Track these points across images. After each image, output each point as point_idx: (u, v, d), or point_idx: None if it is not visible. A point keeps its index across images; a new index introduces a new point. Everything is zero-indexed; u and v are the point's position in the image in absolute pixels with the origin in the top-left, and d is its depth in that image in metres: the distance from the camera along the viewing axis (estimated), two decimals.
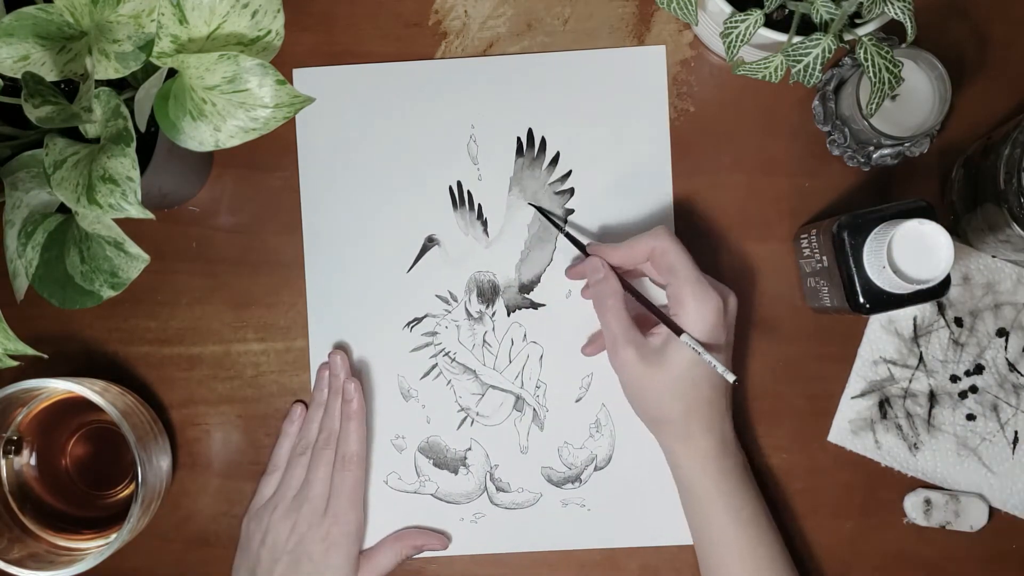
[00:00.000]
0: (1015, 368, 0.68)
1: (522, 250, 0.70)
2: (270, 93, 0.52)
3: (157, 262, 0.56)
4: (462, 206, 0.70)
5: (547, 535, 0.69)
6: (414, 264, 0.70)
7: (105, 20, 0.53)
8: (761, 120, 0.69)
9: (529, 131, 0.70)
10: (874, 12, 0.57)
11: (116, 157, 0.50)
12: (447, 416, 0.70)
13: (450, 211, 0.70)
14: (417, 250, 0.70)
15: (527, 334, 0.70)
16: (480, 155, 0.70)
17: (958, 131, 0.68)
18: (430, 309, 0.70)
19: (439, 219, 0.70)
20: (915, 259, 0.57)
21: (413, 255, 0.70)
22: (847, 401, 0.69)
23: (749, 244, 0.69)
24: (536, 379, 0.70)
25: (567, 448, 0.70)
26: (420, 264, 0.70)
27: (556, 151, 0.70)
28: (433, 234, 0.70)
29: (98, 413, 0.64)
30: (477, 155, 0.70)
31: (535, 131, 0.70)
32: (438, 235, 0.70)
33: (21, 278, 0.55)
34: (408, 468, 0.70)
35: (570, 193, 0.70)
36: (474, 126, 0.70)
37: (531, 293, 0.70)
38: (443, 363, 0.70)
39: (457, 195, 0.70)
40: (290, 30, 0.56)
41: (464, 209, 0.70)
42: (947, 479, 0.68)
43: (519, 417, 0.70)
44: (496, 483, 0.70)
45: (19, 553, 0.63)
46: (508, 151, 0.70)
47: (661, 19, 0.70)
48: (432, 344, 0.70)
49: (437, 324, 0.70)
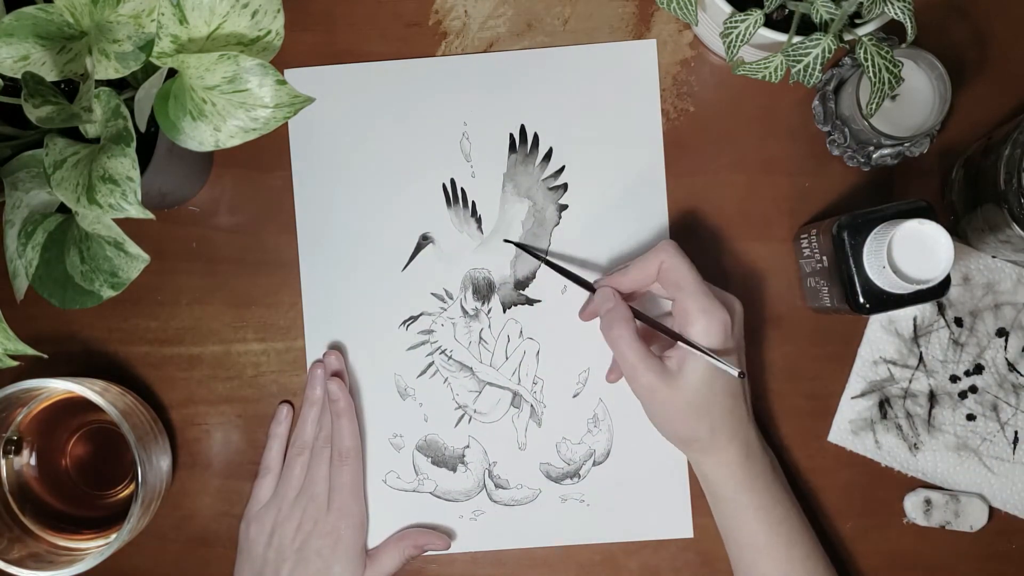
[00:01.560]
0: (1015, 368, 0.68)
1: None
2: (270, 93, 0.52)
3: (157, 262, 0.56)
4: (456, 203, 0.70)
5: (546, 531, 0.69)
6: (409, 262, 0.70)
7: (105, 20, 0.53)
8: (761, 120, 0.69)
9: (522, 127, 0.70)
10: (874, 12, 0.57)
11: (116, 157, 0.50)
12: (445, 414, 0.70)
13: (444, 209, 0.70)
14: (412, 248, 0.70)
15: (523, 330, 0.70)
16: (473, 152, 0.70)
17: (958, 131, 0.68)
18: (426, 307, 0.70)
19: (433, 217, 0.70)
20: (915, 259, 0.57)
21: (408, 253, 0.70)
22: (847, 401, 0.69)
23: (749, 244, 0.69)
24: (533, 375, 0.70)
25: (565, 444, 0.70)
26: (415, 262, 0.70)
27: (549, 147, 0.70)
28: (427, 232, 0.70)
29: (98, 413, 0.64)
30: (470, 152, 0.70)
31: (527, 127, 0.70)
32: (432, 233, 0.70)
33: (21, 278, 0.55)
34: (406, 467, 0.70)
35: (563, 189, 0.70)
36: (466, 123, 0.70)
37: (526, 289, 0.70)
38: (440, 361, 0.70)
39: (451, 192, 0.70)
40: (290, 30, 0.56)
41: (458, 206, 0.70)
42: (947, 479, 0.68)
43: (517, 413, 0.70)
44: (495, 480, 0.70)
45: (19, 553, 0.63)
46: (501, 148, 0.70)
47: (661, 19, 0.70)
48: (428, 342, 0.70)
49: (433, 322, 0.70)
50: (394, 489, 0.70)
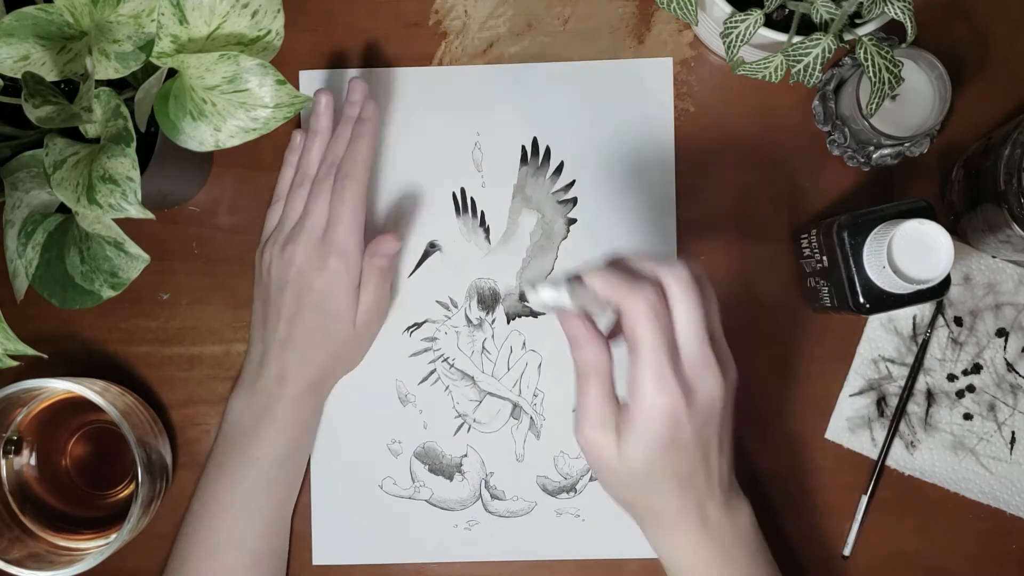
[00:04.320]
0: (1013, 368, 0.68)
1: (523, 258, 0.70)
2: (270, 93, 0.52)
3: (157, 262, 0.56)
4: (465, 212, 0.70)
5: (540, 544, 0.69)
6: (415, 269, 0.70)
7: (105, 20, 0.53)
8: (761, 120, 0.69)
9: (534, 140, 0.70)
10: (874, 12, 0.57)
11: (116, 157, 0.50)
12: (444, 422, 0.70)
13: (453, 217, 0.70)
14: (419, 255, 0.70)
15: (526, 342, 0.70)
16: (484, 162, 0.70)
17: (958, 131, 0.68)
18: (430, 314, 0.70)
19: (441, 225, 0.70)
20: (915, 259, 0.57)
21: (415, 260, 0.70)
22: (845, 399, 0.69)
23: (749, 244, 0.69)
24: (534, 387, 0.70)
25: (563, 458, 0.69)
26: (421, 269, 0.70)
27: (560, 161, 0.70)
28: (435, 240, 0.70)
29: (98, 413, 0.64)
30: (481, 162, 0.70)
31: (540, 140, 0.70)
32: (440, 241, 0.70)
33: (21, 278, 0.55)
34: (403, 473, 0.70)
35: (573, 203, 0.70)
36: (479, 133, 0.70)
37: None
38: (442, 369, 0.70)
39: (460, 201, 0.70)
40: (290, 30, 0.56)
41: (467, 216, 0.70)
42: (945, 478, 0.68)
43: (516, 425, 0.70)
44: (491, 491, 0.70)
45: (19, 553, 0.63)
46: (512, 159, 0.70)
47: (661, 19, 0.70)
48: (431, 349, 0.70)
49: (437, 330, 0.70)
50: (390, 495, 0.70)
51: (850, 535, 0.68)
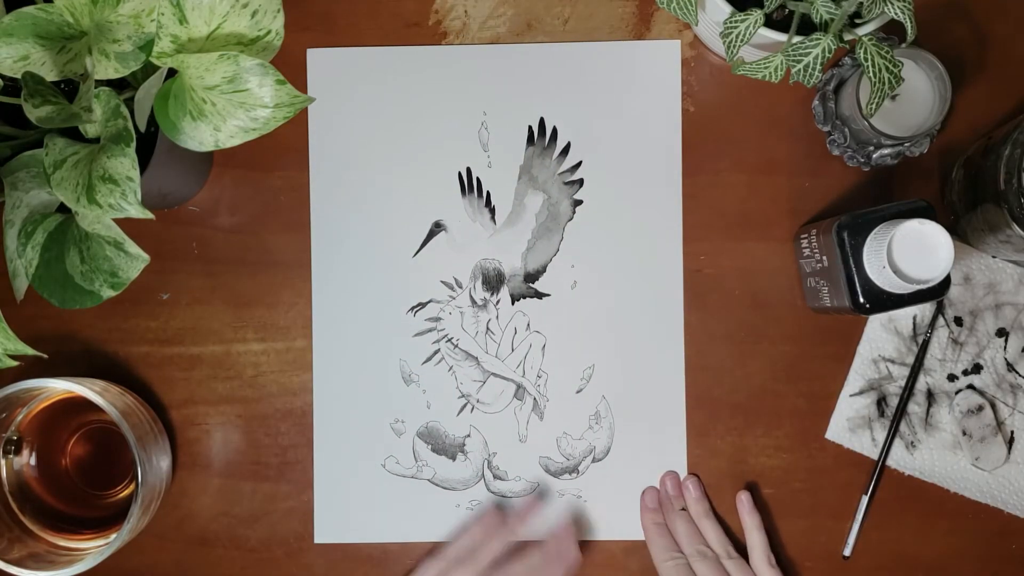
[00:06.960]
0: (1013, 368, 0.68)
1: (529, 239, 0.70)
2: (270, 93, 0.52)
3: (157, 262, 0.56)
4: (471, 192, 0.70)
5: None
6: (420, 249, 0.70)
7: (105, 20, 0.53)
8: (761, 120, 0.69)
9: (541, 120, 0.70)
10: (874, 12, 0.57)
11: (116, 157, 0.50)
12: (447, 402, 0.70)
13: (458, 197, 0.70)
14: (424, 235, 0.70)
15: (530, 323, 0.70)
16: (491, 142, 0.70)
17: (958, 131, 0.68)
18: (435, 295, 0.70)
19: (447, 205, 0.70)
20: (915, 259, 0.57)
21: (420, 239, 0.70)
22: (845, 399, 0.69)
23: (749, 244, 0.69)
24: (538, 369, 0.70)
25: (566, 439, 0.70)
26: (426, 249, 0.70)
27: (567, 141, 0.70)
28: (440, 219, 0.70)
29: (98, 413, 0.64)
30: (488, 142, 0.70)
31: (547, 120, 0.70)
32: (445, 221, 0.70)
33: (21, 278, 0.55)
34: (406, 452, 0.70)
35: (579, 184, 0.70)
36: (486, 113, 0.70)
37: (536, 282, 0.70)
38: (445, 349, 0.70)
39: (466, 181, 0.70)
40: (290, 30, 0.56)
41: (472, 195, 0.70)
42: (945, 478, 0.68)
43: (519, 406, 0.70)
44: (494, 471, 0.70)
45: (19, 553, 0.63)
46: (519, 139, 0.70)
47: (661, 19, 0.70)
48: (435, 329, 0.70)
49: (441, 310, 0.70)
50: (392, 474, 0.70)
51: (850, 535, 0.68)
